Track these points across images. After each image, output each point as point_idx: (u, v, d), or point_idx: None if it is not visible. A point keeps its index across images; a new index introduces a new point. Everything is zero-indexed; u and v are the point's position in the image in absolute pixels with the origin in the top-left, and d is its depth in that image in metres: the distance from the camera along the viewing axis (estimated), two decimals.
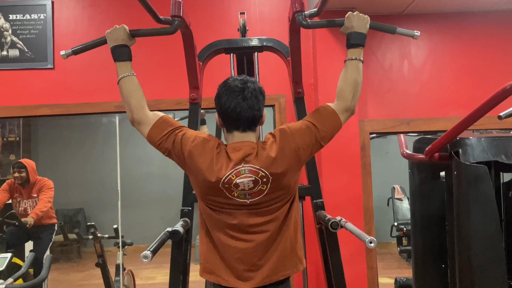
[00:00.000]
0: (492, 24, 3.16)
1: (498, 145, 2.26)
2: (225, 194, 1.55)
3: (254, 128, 1.61)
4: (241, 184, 1.52)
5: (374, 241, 1.53)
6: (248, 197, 1.55)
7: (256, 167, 1.53)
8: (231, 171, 1.53)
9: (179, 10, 1.72)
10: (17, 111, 3.15)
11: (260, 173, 1.53)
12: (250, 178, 1.52)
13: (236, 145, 1.57)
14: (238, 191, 1.54)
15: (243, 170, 1.53)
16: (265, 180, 1.53)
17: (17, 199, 4.22)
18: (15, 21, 3.15)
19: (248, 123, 1.58)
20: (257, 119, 1.59)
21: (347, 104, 1.65)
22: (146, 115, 1.68)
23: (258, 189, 1.54)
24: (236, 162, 1.53)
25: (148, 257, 1.47)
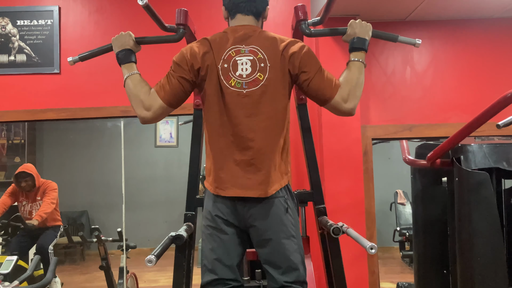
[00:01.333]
0: (494, 31, 3.18)
1: (499, 152, 2.27)
2: (223, 83, 1.59)
3: (258, 16, 1.67)
4: (239, 63, 1.57)
5: (375, 247, 1.55)
6: (245, 87, 1.59)
7: (256, 47, 1.59)
8: (231, 47, 1.59)
9: (184, 19, 1.75)
10: (23, 115, 3.19)
11: (259, 54, 1.58)
12: (249, 57, 1.58)
13: (237, 27, 1.64)
14: (236, 77, 1.58)
15: (243, 49, 1.59)
16: (263, 66, 1.58)
17: (22, 202, 4.24)
18: (22, 27, 3.19)
19: (251, 6, 1.64)
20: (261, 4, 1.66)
21: (341, 106, 1.64)
22: (152, 94, 1.65)
23: (255, 77, 1.58)
24: (236, 41, 1.59)
25: (152, 261, 1.49)
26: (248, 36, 1.61)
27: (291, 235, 1.62)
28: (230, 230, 1.64)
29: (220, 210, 1.64)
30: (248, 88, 1.59)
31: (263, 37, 1.62)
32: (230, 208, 1.63)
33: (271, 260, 1.62)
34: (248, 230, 1.65)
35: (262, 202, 1.61)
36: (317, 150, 2.31)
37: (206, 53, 1.61)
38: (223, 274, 1.63)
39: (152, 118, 1.66)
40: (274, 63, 1.59)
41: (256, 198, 1.61)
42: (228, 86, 1.59)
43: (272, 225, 1.61)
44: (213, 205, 1.65)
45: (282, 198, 1.63)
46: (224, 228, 1.64)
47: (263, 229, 1.61)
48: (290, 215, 1.64)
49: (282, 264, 1.61)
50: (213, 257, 1.64)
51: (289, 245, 1.61)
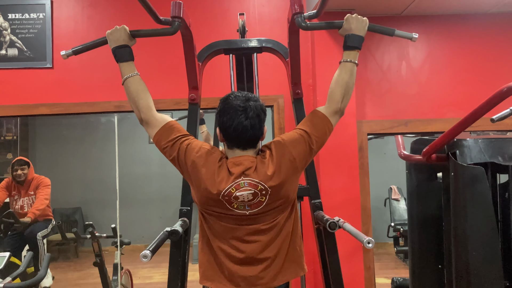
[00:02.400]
0: (490, 26, 3.18)
1: (494, 147, 2.28)
2: (225, 206, 1.57)
3: (255, 146, 1.63)
4: (240, 196, 1.55)
5: (372, 241, 1.54)
6: (247, 208, 1.57)
7: (255, 180, 1.55)
8: (231, 184, 1.55)
9: (179, 11, 1.73)
10: (16, 110, 3.15)
11: (259, 186, 1.55)
12: (250, 191, 1.55)
13: (237, 159, 1.59)
14: (238, 202, 1.56)
15: (242, 183, 1.55)
16: (264, 193, 1.56)
17: (14, 197, 4.21)
18: (14, 20, 3.15)
19: (249, 142, 1.60)
20: (258, 137, 1.61)
21: (337, 106, 1.67)
22: (154, 117, 1.70)
23: (257, 200, 1.56)
24: (236, 176, 1.56)
25: (148, 257, 1.47)
26: (247, 168, 1.57)
27: None
28: None
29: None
30: (251, 209, 1.57)
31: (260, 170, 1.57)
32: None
33: None
34: None
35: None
36: None
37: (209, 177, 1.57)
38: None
39: (141, 123, 1.74)
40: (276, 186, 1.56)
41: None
42: (231, 208, 1.58)
43: None
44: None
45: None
46: None
47: None
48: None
49: None
50: None
51: None
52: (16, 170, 4.12)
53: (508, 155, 2.27)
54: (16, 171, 4.12)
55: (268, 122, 3.21)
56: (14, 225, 3.97)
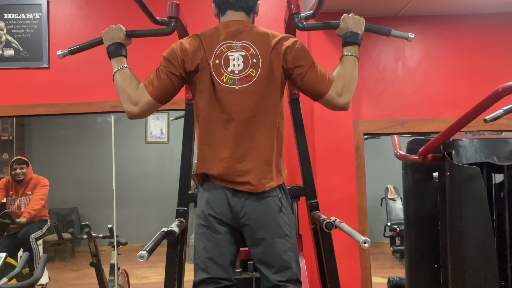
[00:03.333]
0: (486, 26, 3.19)
1: (490, 147, 2.28)
2: (215, 79, 1.57)
3: (248, 12, 1.65)
4: (231, 58, 1.55)
5: (368, 241, 1.55)
6: (237, 83, 1.57)
7: (248, 42, 1.57)
8: (222, 43, 1.57)
9: (176, 12, 1.73)
10: (12, 110, 3.14)
11: (251, 50, 1.56)
12: (241, 53, 1.56)
13: (228, 23, 1.61)
14: (228, 72, 1.56)
15: (234, 45, 1.57)
16: (255, 61, 1.56)
17: (12, 196, 4.20)
18: (10, 20, 3.14)
19: (242, 1, 1.62)
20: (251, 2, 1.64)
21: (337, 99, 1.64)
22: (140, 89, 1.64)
23: (248, 73, 1.56)
24: (227, 36, 1.57)
25: (144, 257, 1.47)
26: (240, 32, 1.59)
27: (284, 234, 1.61)
28: (224, 229, 1.63)
29: (213, 209, 1.62)
30: (241, 84, 1.57)
31: (255, 33, 1.61)
32: (224, 207, 1.62)
33: (264, 259, 1.62)
34: (241, 229, 1.64)
35: (256, 201, 1.60)
36: (309, 145, 2.31)
37: (197, 49, 1.59)
38: (216, 273, 1.62)
39: (139, 113, 1.64)
40: (267, 59, 1.58)
41: (250, 196, 1.60)
42: (220, 82, 1.57)
43: (266, 225, 1.60)
44: (206, 204, 1.64)
45: (276, 197, 1.62)
46: (217, 227, 1.62)
47: (257, 228, 1.60)
48: (284, 214, 1.64)
49: (275, 263, 1.60)
50: (206, 256, 1.62)
51: (282, 244, 1.61)
52: (15, 169, 4.11)
53: (503, 155, 2.28)
54: (15, 170, 4.11)
55: None
56: (10, 226, 3.96)
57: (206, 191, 1.66)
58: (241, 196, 1.60)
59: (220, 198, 1.62)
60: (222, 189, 1.62)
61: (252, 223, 1.60)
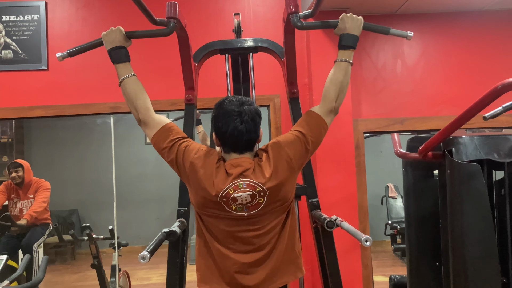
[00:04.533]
0: (484, 23, 3.19)
1: (490, 144, 2.29)
2: (223, 207, 1.57)
3: (252, 149, 1.64)
4: (238, 198, 1.55)
5: (370, 239, 1.55)
6: (246, 210, 1.57)
7: (253, 181, 1.55)
8: (229, 185, 1.55)
9: (175, 12, 1.73)
10: (11, 112, 3.13)
11: (257, 188, 1.55)
12: (248, 193, 1.55)
13: (235, 161, 1.60)
14: (236, 204, 1.56)
15: (240, 184, 1.55)
16: (262, 194, 1.56)
17: (14, 200, 4.20)
18: (8, 23, 3.13)
19: (245, 146, 1.61)
20: (254, 141, 1.62)
21: (331, 105, 1.68)
22: (153, 118, 1.70)
23: (256, 202, 1.56)
24: (234, 177, 1.56)
25: (146, 258, 1.47)
26: (245, 170, 1.57)
27: None
28: None
29: None
30: (249, 211, 1.57)
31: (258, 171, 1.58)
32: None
33: None
34: None
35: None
36: None
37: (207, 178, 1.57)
38: None
39: (140, 125, 1.75)
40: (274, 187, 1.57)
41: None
42: (229, 210, 1.57)
43: None
44: None
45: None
46: None
47: None
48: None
49: None
50: None
51: None
52: (11, 173, 4.13)
53: (504, 152, 2.28)
54: (11, 174, 4.13)
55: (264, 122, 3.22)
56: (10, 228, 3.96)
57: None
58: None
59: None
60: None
61: None
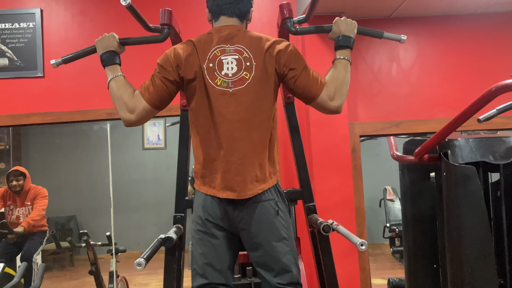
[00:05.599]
0: (478, 26, 3.21)
1: (485, 146, 2.29)
2: (209, 83, 1.58)
3: (242, 18, 1.66)
4: (225, 61, 1.56)
5: (365, 243, 1.56)
6: (231, 86, 1.58)
7: (241, 46, 1.58)
8: (215, 47, 1.58)
9: (169, 19, 1.74)
10: (7, 120, 3.13)
11: (244, 54, 1.58)
12: (234, 56, 1.57)
13: (221, 28, 1.63)
14: (221, 76, 1.57)
15: (228, 49, 1.58)
16: (249, 65, 1.57)
17: (10, 207, 4.17)
18: (4, 30, 3.14)
19: (234, 9, 1.64)
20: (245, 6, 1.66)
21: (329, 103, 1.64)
22: (136, 96, 1.64)
23: (241, 76, 1.58)
24: (221, 40, 1.58)
25: (142, 265, 1.47)
26: (233, 36, 1.61)
27: (282, 238, 1.62)
28: (221, 234, 1.63)
29: (210, 214, 1.62)
30: (234, 87, 1.58)
31: (248, 37, 1.62)
32: (221, 212, 1.62)
33: (263, 263, 1.62)
34: (239, 234, 1.64)
35: (252, 205, 1.60)
36: (305, 148, 2.31)
37: (190, 54, 1.60)
38: (214, 279, 1.62)
39: (136, 120, 1.64)
40: (260, 62, 1.59)
41: (246, 201, 1.60)
42: (214, 85, 1.58)
43: (263, 229, 1.60)
44: (203, 209, 1.64)
45: (272, 201, 1.62)
46: (215, 232, 1.62)
47: (254, 232, 1.60)
48: (281, 217, 1.64)
49: (275, 266, 1.60)
50: (203, 262, 1.62)
51: (281, 247, 1.61)
52: (11, 181, 4.09)
53: (499, 154, 2.29)
54: (11, 182, 4.09)
55: None
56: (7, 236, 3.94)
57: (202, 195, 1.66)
58: (236, 201, 1.60)
59: (217, 204, 1.62)
60: None
61: (249, 227, 1.60)
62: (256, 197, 1.61)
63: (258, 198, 1.61)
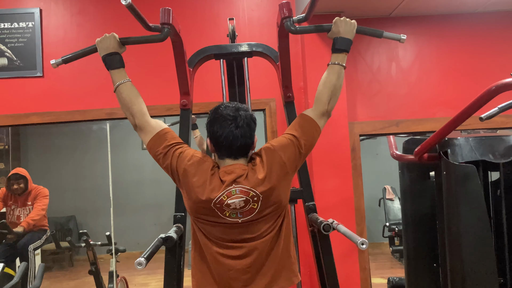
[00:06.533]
0: (477, 25, 3.22)
1: (485, 145, 2.29)
2: (217, 214, 1.56)
3: (246, 155, 1.63)
4: (232, 204, 1.54)
5: (366, 242, 1.55)
6: (240, 216, 1.56)
7: (246, 187, 1.55)
8: (223, 192, 1.55)
9: (168, 18, 1.73)
10: (6, 120, 3.13)
11: (250, 193, 1.55)
12: (241, 198, 1.54)
13: (228, 168, 1.59)
14: (230, 210, 1.55)
15: (234, 190, 1.55)
16: (256, 199, 1.55)
17: (11, 207, 4.16)
18: (3, 30, 3.13)
19: (240, 151, 1.60)
20: (249, 146, 1.61)
21: (324, 108, 1.68)
22: (149, 123, 1.70)
23: (249, 207, 1.56)
24: (227, 184, 1.55)
25: (142, 264, 1.47)
26: (238, 176, 1.57)
27: None
28: None
29: None
30: (243, 217, 1.56)
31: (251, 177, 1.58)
32: None
33: None
34: None
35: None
36: None
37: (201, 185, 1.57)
38: None
39: (135, 130, 1.74)
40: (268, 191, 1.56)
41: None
42: (223, 216, 1.57)
43: None
44: None
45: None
46: None
47: None
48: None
49: None
50: None
51: None
52: (12, 184, 4.08)
53: (499, 152, 2.29)
54: (12, 186, 4.08)
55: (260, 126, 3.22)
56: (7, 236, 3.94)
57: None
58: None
59: None
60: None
61: None
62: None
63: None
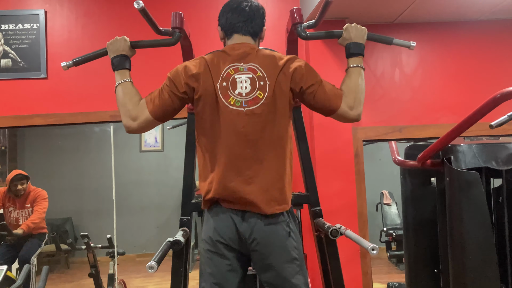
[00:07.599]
0: (481, 33, 3.25)
1: (488, 152, 2.31)
2: (222, 102, 1.57)
3: (254, 36, 1.66)
4: (238, 80, 1.55)
5: (376, 248, 1.56)
6: (244, 105, 1.57)
7: (255, 65, 1.58)
8: (229, 65, 1.57)
9: (180, 22, 1.74)
10: (10, 121, 3.12)
11: (258, 72, 1.57)
12: (248, 75, 1.56)
13: (235, 45, 1.62)
14: (235, 96, 1.56)
15: (241, 67, 1.58)
16: (262, 84, 1.57)
17: (9, 208, 4.13)
18: (7, 31, 3.13)
19: (248, 26, 1.64)
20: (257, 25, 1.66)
21: (350, 112, 1.67)
22: (140, 105, 1.65)
23: (255, 95, 1.57)
24: (234, 59, 1.58)
25: (154, 268, 1.48)
26: (246, 54, 1.60)
27: (293, 258, 1.62)
28: (231, 254, 1.62)
29: (221, 235, 1.61)
30: (248, 106, 1.57)
31: (261, 55, 1.61)
32: (233, 233, 1.61)
33: (273, 282, 1.62)
34: (249, 254, 1.64)
35: (264, 227, 1.60)
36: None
37: (203, 72, 1.59)
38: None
39: (137, 129, 1.65)
40: (274, 81, 1.58)
41: (258, 222, 1.59)
42: (228, 104, 1.57)
43: (275, 250, 1.60)
44: (214, 230, 1.62)
45: (284, 223, 1.62)
46: (225, 253, 1.61)
47: (266, 254, 1.60)
48: (293, 238, 1.64)
49: (284, 286, 1.60)
50: (212, 281, 1.62)
51: (291, 268, 1.61)
52: (16, 185, 4.04)
53: (502, 159, 2.31)
54: (16, 187, 4.05)
55: None
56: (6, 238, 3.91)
57: (213, 216, 1.64)
58: (249, 222, 1.60)
59: (229, 224, 1.61)
60: (230, 215, 1.61)
61: (261, 248, 1.60)
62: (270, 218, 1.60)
63: (273, 220, 1.61)
